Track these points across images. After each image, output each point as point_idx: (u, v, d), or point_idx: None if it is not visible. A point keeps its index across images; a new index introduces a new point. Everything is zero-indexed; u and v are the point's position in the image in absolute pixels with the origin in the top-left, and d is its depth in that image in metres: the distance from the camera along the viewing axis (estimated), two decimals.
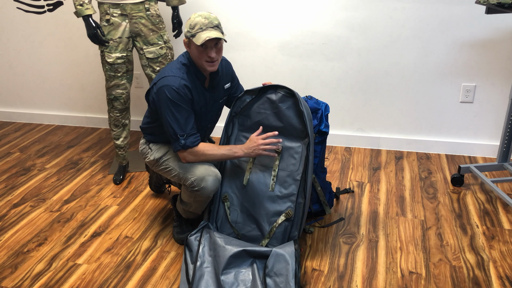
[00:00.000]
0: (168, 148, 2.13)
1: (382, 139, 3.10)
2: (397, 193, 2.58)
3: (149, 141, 2.17)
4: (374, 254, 2.10)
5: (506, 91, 2.81)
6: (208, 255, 1.96)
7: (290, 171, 2.05)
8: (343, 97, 3.06)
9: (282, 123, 2.06)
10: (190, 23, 1.91)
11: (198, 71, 2.00)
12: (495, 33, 2.69)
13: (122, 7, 2.48)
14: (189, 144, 1.96)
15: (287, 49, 3.02)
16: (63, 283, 1.98)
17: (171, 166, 2.08)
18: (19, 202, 2.62)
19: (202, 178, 1.98)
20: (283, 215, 2.03)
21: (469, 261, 2.04)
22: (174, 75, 1.93)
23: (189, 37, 1.91)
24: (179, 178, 2.06)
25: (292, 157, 2.06)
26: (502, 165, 2.58)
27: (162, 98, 1.92)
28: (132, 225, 2.37)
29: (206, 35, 1.86)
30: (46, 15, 3.37)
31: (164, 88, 1.91)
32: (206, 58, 1.92)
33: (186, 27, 1.93)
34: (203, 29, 1.88)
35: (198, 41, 1.86)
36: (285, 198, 2.05)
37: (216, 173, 2.03)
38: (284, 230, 2.03)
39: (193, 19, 1.91)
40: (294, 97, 2.03)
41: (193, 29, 1.89)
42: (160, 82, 1.93)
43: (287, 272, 1.83)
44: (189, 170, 2.02)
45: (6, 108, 3.83)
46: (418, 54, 2.84)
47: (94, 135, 3.51)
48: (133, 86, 3.42)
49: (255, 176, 2.09)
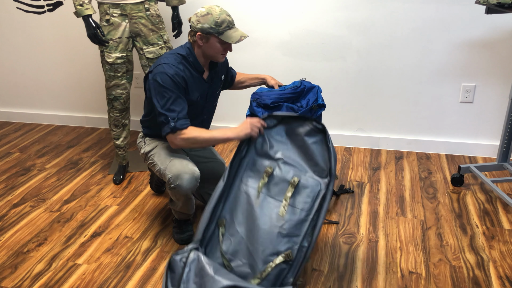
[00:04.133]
0: (158, 143, 2.15)
1: (382, 139, 3.10)
2: (397, 193, 2.58)
3: (145, 134, 2.21)
4: (374, 254, 2.10)
5: (506, 91, 2.81)
6: (193, 282, 1.72)
7: (301, 208, 1.83)
8: (343, 97, 3.06)
9: (305, 157, 1.90)
10: (215, 19, 1.91)
11: (197, 64, 2.02)
12: (495, 33, 2.69)
13: (122, 7, 2.48)
14: (179, 126, 1.93)
15: (287, 49, 3.03)
16: (63, 283, 1.98)
17: (155, 161, 2.10)
18: (19, 202, 2.62)
19: (177, 175, 1.98)
20: (282, 255, 1.76)
21: (469, 261, 2.04)
22: (169, 63, 1.96)
23: (214, 33, 1.93)
24: (160, 173, 2.08)
25: (307, 194, 1.85)
26: (502, 165, 2.58)
27: (155, 84, 1.94)
28: (132, 225, 2.37)
29: (238, 34, 1.96)
30: (46, 15, 3.37)
31: (158, 74, 1.93)
32: (223, 52, 1.99)
33: (207, 23, 1.91)
34: (230, 27, 1.95)
35: (231, 40, 1.94)
36: (288, 237, 1.80)
37: (193, 171, 2.01)
38: (279, 273, 1.76)
39: (218, 15, 1.92)
40: (323, 133, 1.89)
41: (220, 26, 1.92)
42: (155, 70, 1.96)
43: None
44: (168, 166, 2.03)
45: (6, 108, 3.83)
46: (418, 54, 2.84)
47: (94, 135, 3.51)
48: (133, 86, 3.42)
49: (260, 206, 1.87)
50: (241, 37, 1.95)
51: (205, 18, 1.92)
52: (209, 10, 1.93)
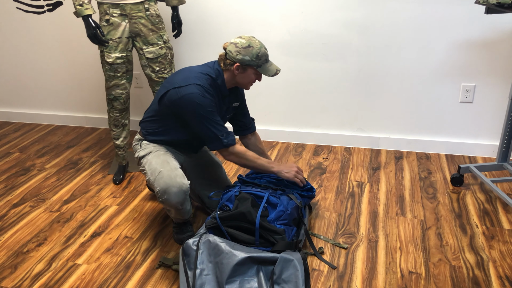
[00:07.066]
0: (152, 149, 2.12)
1: (382, 139, 3.10)
2: (397, 193, 2.58)
3: (145, 136, 2.18)
4: (374, 254, 2.10)
5: (506, 91, 2.81)
6: (208, 261, 1.82)
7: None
8: (343, 97, 3.06)
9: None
10: (256, 53, 1.99)
11: (224, 88, 2.08)
12: (495, 33, 2.69)
13: (122, 7, 2.48)
14: (231, 142, 2.04)
15: (286, 49, 3.02)
16: (63, 283, 1.98)
17: (146, 169, 2.08)
18: (18, 202, 2.62)
19: (165, 189, 1.97)
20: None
21: (469, 261, 2.04)
22: (201, 84, 1.98)
23: (253, 65, 2.01)
24: (149, 184, 2.07)
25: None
26: (501, 165, 2.58)
27: (191, 105, 1.95)
28: (132, 225, 2.37)
29: (274, 68, 2.06)
30: (46, 15, 3.37)
31: (193, 95, 1.95)
32: (254, 81, 2.10)
33: (248, 55, 1.99)
34: (267, 60, 2.05)
35: (269, 73, 2.04)
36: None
37: (181, 184, 1.98)
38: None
39: (259, 49, 2.00)
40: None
41: (260, 60, 2.01)
42: (187, 89, 1.96)
43: (297, 278, 1.73)
44: (156, 178, 2.00)
45: (6, 108, 3.83)
46: (418, 54, 2.84)
47: (93, 135, 3.51)
48: (133, 86, 3.42)
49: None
50: (276, 71, 2.06)
51: (246, 50, 1.99)
52: (250, 43, 1.99)
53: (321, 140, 3.21)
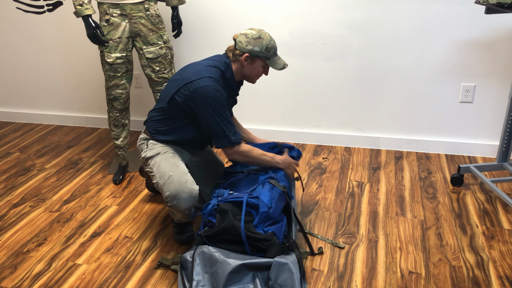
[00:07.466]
0: (160, 150, 2.11)
1: (382, 139, 3.10)
2: (397, 193, 2.58)
3: (152, 135, 2.14)
4: (373, 254, 2.10)
5: (505, 91, 2.81)
6: (204, 272, 1.80)
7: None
8: (343, 97, 3.06)
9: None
10: (266, 45, 2.00)
11: (233, 80, 2.08)
12: (495, 33, 2.69)
13: (122, 7, 2.48)
14: (237, 140, 2.03)
15: (286, 49, 3.02)
16: (63, 283, 1.98)
17: (154, 172, 2.06)
18: (18, 202, 2.62)
19: (175, 195, 1.96)
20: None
21: (469, 261, 2.04)
22: (213, 77, 1.98)
23: (262, 57, 2.01)
24: (158, 187, 2.06)
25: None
26: (501, 165, 2.58)
27: (205, 99, 1.94)
28: (131, 225, 2.37)
29: (282, 62, 2.07)
30: (46, 15, 3.37)
31: (207, 88, 1.93)
32: (261, 75, 2.09)
33: (258, 46, 1.99)
34: (275, 53, 2.06)
35: (276, 66, 2.05)
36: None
37: (191, 190, 1.98)
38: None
39: (269, 41, 2.01)
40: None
41: (269, 52, 2.02)
42: (201, 82, 1.94)
43: (292, 282, 1.73)
44: (166, 182, 1.99)
45: (6, 108, 3.83)
46: (418, 54, 2.84)
47: (93, 135, 3.51)
48: (133, 86, 3.42)
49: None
50: (284, 65, 2.06)
51: (256, 41, 1.99)
52: (260, 34, 2.00)
53: (321, 140, 3.21)
